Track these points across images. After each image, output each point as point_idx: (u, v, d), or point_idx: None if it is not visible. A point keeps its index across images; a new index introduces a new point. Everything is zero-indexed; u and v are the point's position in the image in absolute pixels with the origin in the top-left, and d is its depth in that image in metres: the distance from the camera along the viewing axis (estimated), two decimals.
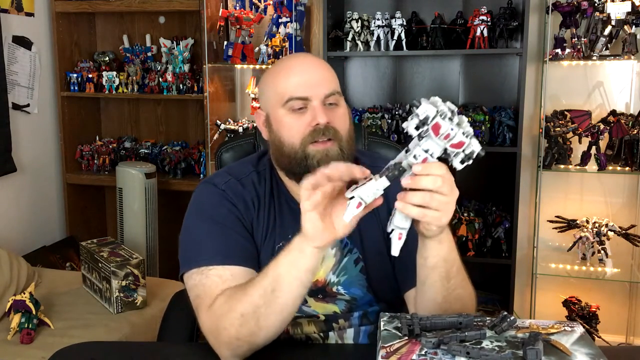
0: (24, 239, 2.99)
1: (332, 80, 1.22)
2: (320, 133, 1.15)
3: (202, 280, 1.13)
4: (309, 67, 1.22)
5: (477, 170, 2.92)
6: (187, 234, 1.21)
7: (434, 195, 0.91)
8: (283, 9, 2.80)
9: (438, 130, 0.89)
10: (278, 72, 1.23)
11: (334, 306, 1.23)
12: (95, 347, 1.28)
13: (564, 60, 2.63)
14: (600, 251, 2.66)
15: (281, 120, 1.19)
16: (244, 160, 1.34)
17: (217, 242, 1.16)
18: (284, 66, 1.24)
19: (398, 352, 0.91)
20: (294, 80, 1.19)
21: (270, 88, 1.23)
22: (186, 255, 1.18)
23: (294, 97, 1.17)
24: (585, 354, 0.91)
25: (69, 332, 2.07)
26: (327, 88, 1.18)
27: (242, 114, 3.22)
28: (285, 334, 1.21)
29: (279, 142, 1.20)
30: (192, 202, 1.25)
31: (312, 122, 1.15)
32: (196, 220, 1.22)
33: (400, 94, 3.00)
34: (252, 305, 1.03)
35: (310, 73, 1.20)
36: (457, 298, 1.08)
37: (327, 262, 1.23)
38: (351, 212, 0.94)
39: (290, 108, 1.18)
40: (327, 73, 1.22)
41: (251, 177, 1.26)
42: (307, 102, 1.17)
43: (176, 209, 3.22)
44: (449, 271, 1.05)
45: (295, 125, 1.17)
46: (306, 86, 1.17)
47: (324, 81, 1.19)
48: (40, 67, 3.09)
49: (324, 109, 1.16)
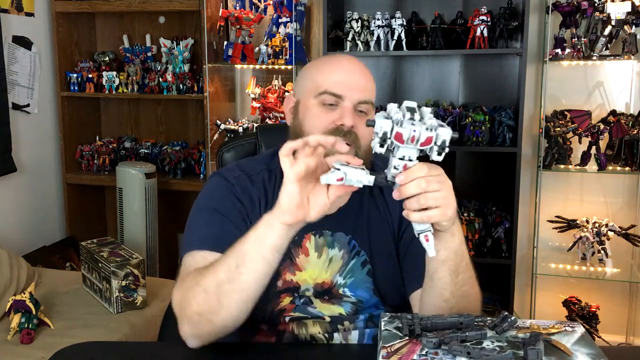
0: (24, 239, 2.99)
1: (370, 90, 1.23)
2: (341, 134, 1.15)
3: (187, 260, 1.16)
4: (354, 70, 1.23)
5: (477, 170, 2.95)
6: (189, 222, 1.23)
7: (426, 195, 0.93)
8: (283, 9, 2.80)
9: (402, 139, 0.90)
10: (323, 65, 1.26)
11: (340, 308, 1.23)
12: (95, 347, 1.28)
13: (564, 60, 2.64)
14: (600, 251, 2.66)
15: (310, 109, 1.21)
16: (256, 157, 1.35)
17: (212, 230, 1.18)
18: (332, 61, 1.27)
19: (399, 352, 0.91)
20: (335, 77, 1.20)
21: (310, 77, 1.25)
22: (184, 242, 1.20)
23: (329, 91, 1.18)
24: (586, 354, 0.91)
25: (69, 332, 2.07)
26: (363, 95, 1.20)
27: (242, 114, 3.21)
28: (290, 333, 1.21)
29: (300, 130, 1.21)
30: (201, 193, 1.27)
31: (338, 121, 1.17)
32: (200, 210, 1.24)
33: (400, 94, 3.00)
34: (216, 280, 1.03)
35: (352, 75, 1.21)
36: (463, 295, 1.08)
37: (334, 264, 1.23)
38: (328, 179, 0.95)
39: (322, 101, 1.19)
40: (368, 82, 1.23)
41: (262, 175, 1.26)
42: (340, 100, 1.18)
43: (176, 209, 3.25)
44: (458, 265, 1.05)
45: (322, 118, 1.18)
46: (344, 86, 1.19)
47: (362, 87, 1.21)
48: (40, 67, 3.09)
49: (353, 113, 1.17)
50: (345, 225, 1.23)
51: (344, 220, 1.20)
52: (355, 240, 1.23)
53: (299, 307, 1.21)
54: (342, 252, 1.23)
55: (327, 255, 1.22)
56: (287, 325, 1.21)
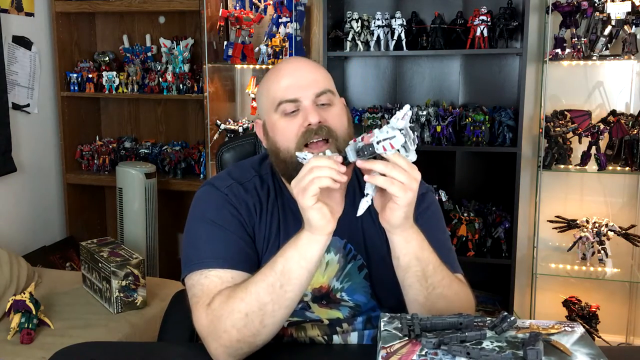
0: (24, 239, 2.99)
1: (323, 79, 1.20)
2: (312, 133, 1.13)
3: (200, 280, 1.13)
4: (298, 69, 1.21)
5: (477, 170, 2.95)
6: (188, 237, 1.20)
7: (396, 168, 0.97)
8: (283, 9, 2.80)
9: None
10: (269, 79, 1.23)
11: (338, 312, 1.22)
12: (95, 347, 1.28)
13: (564, 60, 2.63)
14: (600, 251, 2.66)
15: (275, 125, 1.18)
16: (244, 164, 1.32)
17: (218, 245, 1.15)
18: (274, 71, 1.24)
19: (398, 352, 0.91)
20: (283, 84, 1.18)
21: (264, 94, 1.23)
22: (187, 258, 1.17)
23: (284, 100, 1.16)
24: (585, 354, 0.91)
25: (69, 332, 2.07)
26: (318, 87, 1.17)
27: (242, 114, 3.21)
28: (288, 337, 1.21)
29: (276, 148, 1.19)
30: (194, 205, 1.24)
31: (304, 123, 1.14)
32: (198, 223, 1.20)
33: (400, 94, 3.00)
34: (259, 303, 1.02)
35: (298, 75, 1.19)
36: (439, 296, 1.09)
37: (330, 268, 1.22)
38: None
39: (283, 112, 1.17)
40: (317, 73, 1.21)
41: (253, 182, 1.25)
42: (298, 103, 1.16)
43: (176, 209, 3.25)
44: (424, 270, 1.07)
45: (289, 128, 1.16)
46: (295, 88, 1.16)
47: (313, 81, 1.18)
48: (40, 67, 3.09)
49: (315, 109, 1.15)
50: (341, 229, 1.21)
51: (339, 225, 1.19)
52: (351, 244, 1.23)
53: (297, 312, 1.20)
54: (338, 257, 1.22)
55: (323, 259, 1.21)
56: (286, 330, 1.21)
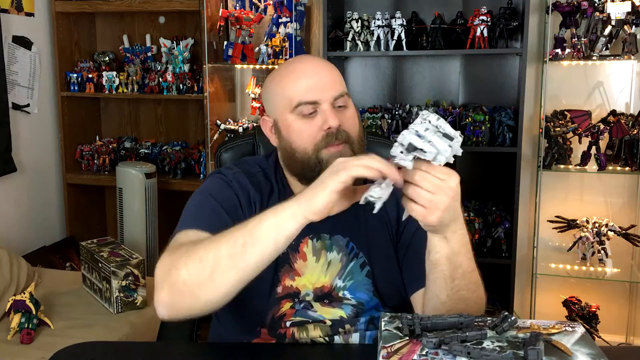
0: (24, 239, 2.99)
1: (340, 81, 1.20)
2: (333, 137, 1.13)
3: (179, 236, 1.13)
4: (316, 69, 1.20)
5: (477, 170, 2.95)
6: (185, 208, 1.22)
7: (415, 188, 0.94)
8: (283, 9, 2.80)
9: None
10: (284, 77, 1.21)
11: (341, 311, 1.22)
12: (95, 347, 1.28)
13: (564, 60, 2.63)
14: (600, 251, 2.66)
15: (291, 126, 1.17)
16: (249, 160, 1.33)
17: (207, 212, 1.17)
18: (290, 70, 1.22)
19: (399, 352, 0.91)
20: (302, 84, 1.17)
21: (278, 93, 1.21)
22: (178, 224, 1.18)
23: (303, 101, 1.15)
24: (586, 354, 0.91)
25: (69, 332, 2.07)
26: (336, 90, 1.17)
27: (242, 114, 3.21)
28: (290, 338, 1.20)
29: (290, 149, 1.18)
30: (199, 187, 1.26)
31: (324, 126, 1.14)
32: (196, 196, 1.23)
33: (400, 93, 3.00)
34: (216, 252, 0.99)
35: (318, 76, 1.18)
36: (460, 299, 1.07)
37: (333, 267, 1.22)
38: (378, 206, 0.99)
39: (300, 113, 1.16)
40: (334, 75, 1.20)
41: (258, 177, 1.26)
42: (317, 105, 1.15)
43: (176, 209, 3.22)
44: (453, 272, 1.04)
45: (307, 130, 1.15)
46: (315, 90, 1.16)
47: (332, 83, 1.18)
48: (40, 67, 3.09)
49: (334, 112, 1.15)
50: (343, 227, 1.22)
51: (341, 223, 1.19)
52: (354, 242, 1.23)
53: (299, 312, 1.20)
54: (341, 255, 1.22)
55: (325, 258, 1.22)
56: (288, 329, 1.21)
